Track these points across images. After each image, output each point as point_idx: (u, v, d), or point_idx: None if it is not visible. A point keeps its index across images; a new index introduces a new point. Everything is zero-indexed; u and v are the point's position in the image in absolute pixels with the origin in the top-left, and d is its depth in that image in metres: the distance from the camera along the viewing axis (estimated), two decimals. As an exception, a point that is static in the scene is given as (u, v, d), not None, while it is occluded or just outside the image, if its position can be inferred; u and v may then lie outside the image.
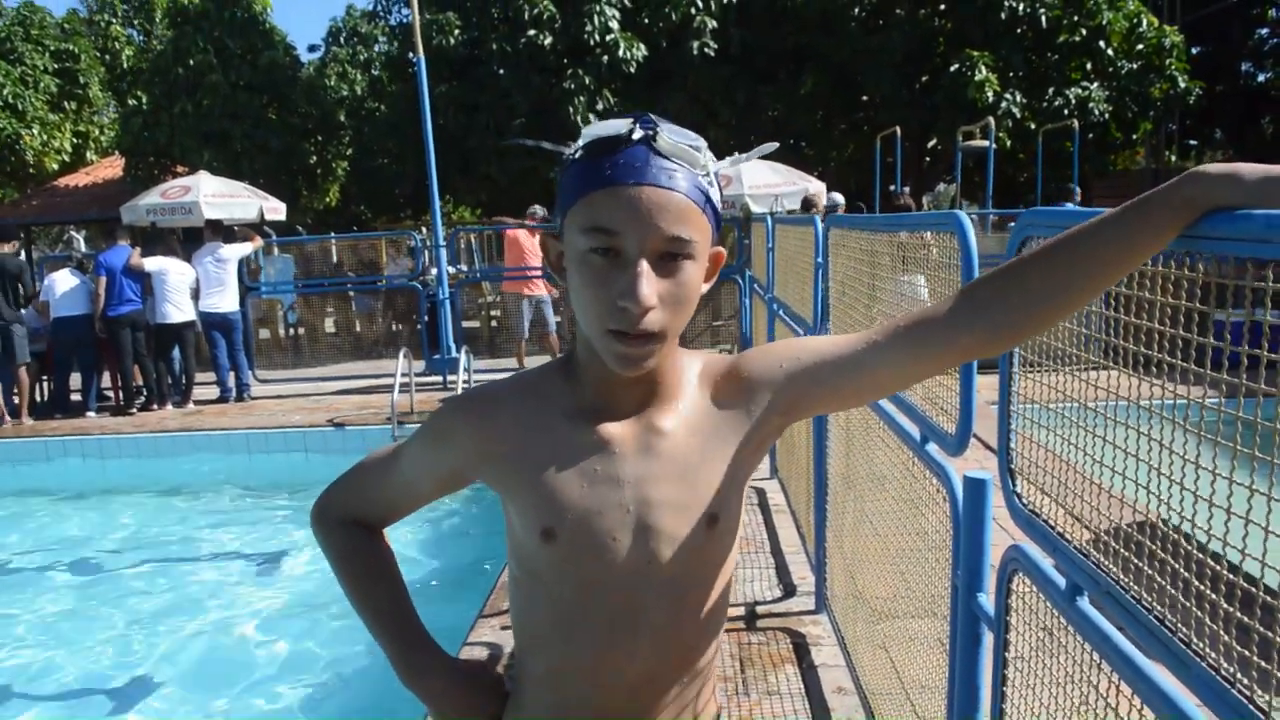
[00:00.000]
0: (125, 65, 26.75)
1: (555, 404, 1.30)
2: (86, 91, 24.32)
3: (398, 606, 1.46)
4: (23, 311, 10.46)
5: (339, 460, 9.20)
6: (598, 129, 1.18)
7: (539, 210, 12.08)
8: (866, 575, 3.51)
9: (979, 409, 2.21)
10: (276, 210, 15.11)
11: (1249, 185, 0.96)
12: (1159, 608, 1.25)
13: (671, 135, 1.17)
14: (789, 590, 4.93)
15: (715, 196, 1.21)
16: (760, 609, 4.71)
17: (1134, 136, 20.54)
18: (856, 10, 18.54)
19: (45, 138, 22.59)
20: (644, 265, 1.13)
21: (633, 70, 17.85)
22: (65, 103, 23.67)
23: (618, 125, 1.17)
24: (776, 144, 1.45)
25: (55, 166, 23.28)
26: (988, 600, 2.04)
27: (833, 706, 3.74)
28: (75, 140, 24.09)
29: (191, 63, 20.14)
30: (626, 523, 1.25)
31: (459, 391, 9.61)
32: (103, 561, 7.39)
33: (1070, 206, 2.87)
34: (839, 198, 12.49)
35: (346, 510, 1.50)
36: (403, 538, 7.34)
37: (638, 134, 1.16)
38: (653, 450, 1.27)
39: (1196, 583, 1.15)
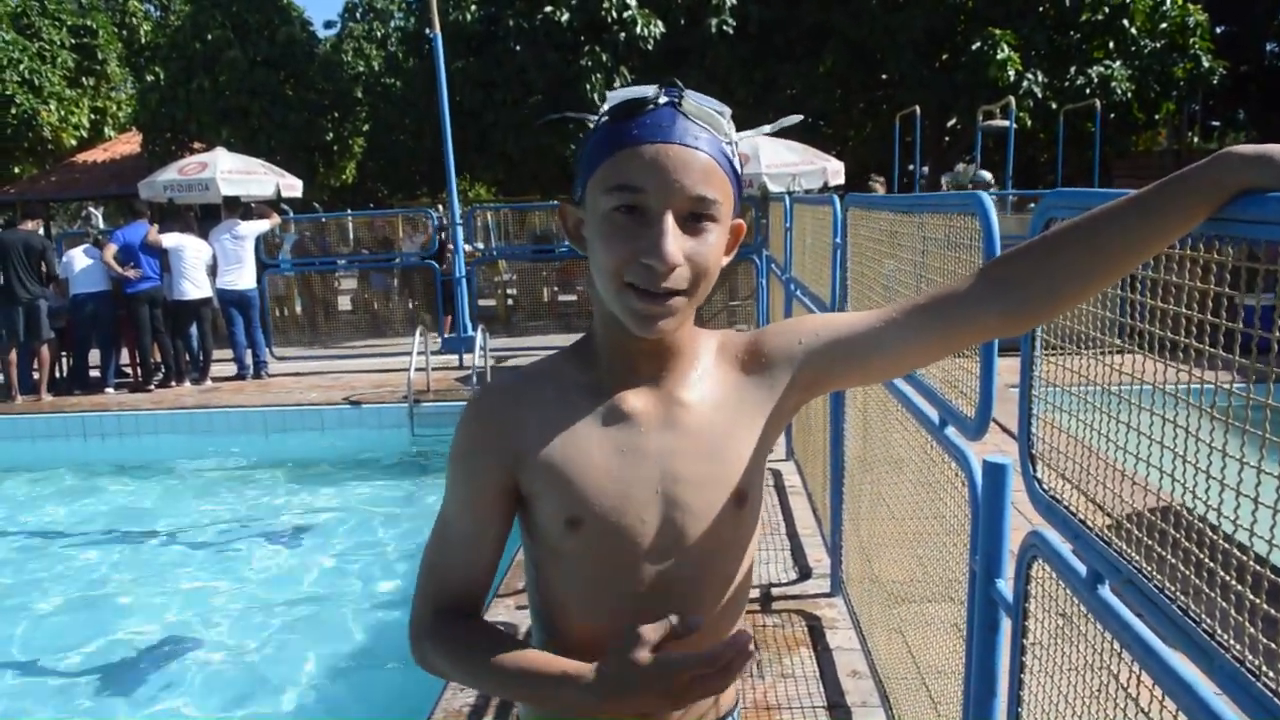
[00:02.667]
0: (143, 41, 26.82)
1: (572, 387, 1.28)
2: (104, 67, 24.32)
3: (518, 660, 1.25)
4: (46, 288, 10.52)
5: (355, 437, 9.32)
6: (624, 93, 1.18)
7: None
8: (883, 559, 3.50)
9: (998, 392, 2.18)
10: (293, 187, 15.12)
11: None
12: (1182, 597, 1.23)
13: (697, 100, 1.17)
14: (805, 573, 4.92)
15: (738, 165, 1.21)
16: (776, 591, 4.71)
17: (1156, 117, 20.32)
18: (877, -13, 18.39)
19: (63, 113, 22.61)
20: (669, 221, 1.12)
21: (650, 47, 17.77)
22: (83, 78, 23.67)
23: (644, 89, 1.17)
24: (800, 116, 1.44)
25: (73, 142, 23.31)
26: (1006, 586, 2.03)
27: (847, 690, 3.73)
28: (93, 116, 24.10)
29: (209, 38, 20.14)
30: (654, 501, 1.23)
31: (473, 387, 9.64)
32: (119, 537, 7.44)
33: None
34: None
35: (436, 613, 1.33)
36: (412, 522, 7.38)
37: (663, 98, 1.16)
38: (677, 423, 1.25)
39: (1221, 572, 1.13)
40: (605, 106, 1.19)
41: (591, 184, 1.17)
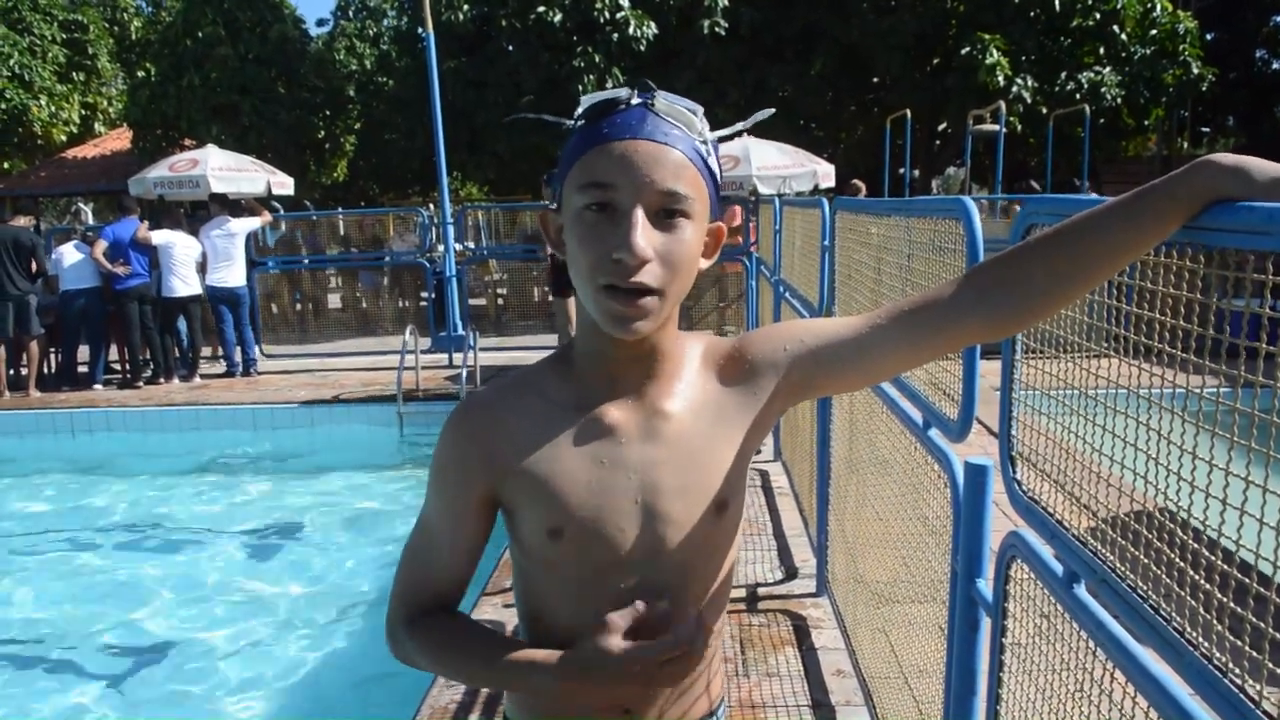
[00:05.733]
0: (134, 36, 26.76)
1: (554, 398, 1.28)
2: (95, 63, 24.26)
3: (493, 650, 1.30)
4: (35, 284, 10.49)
5: (344, 436, 9.31)
6: (596, 95, 1.19)
7: None
8: (868, 559, 3.52)
9: (983, 393, 2.20)
10: (284, 185, 15.08)
11: (1259, 183, 0.96)
12: (1154, 597, 1.25)
13: (669, 99, 1.18)
14: (791, 573, 4.94)
15: (713, 164, 1.22)
16: (762, 591, 4.73)
17: (1145, 122, 20.43)
18: (868, -10, 18.45)
19: (53, 109, 22.56)
20: (639, 216, 1.12)
21: (642, 48, 17.79)
22: (73, 74, 23.61)
23: (616, 91, 1.18)
24: (773, 110, 1.45)
25: (63, 138, 23.26)
26: (986, 586, 2.05)
27: (832, 689, 3.76)
28: (83, 112, 24.06)
29: (201, 35, 20.13)
30: (634, 511, 1.25)
31: (459, 400, 9.62)
32: (106, 535, 7.42)
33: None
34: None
35: (411, 611, 1.37)
36: (401, 519, 7.37)
37: (635, 99, 1.17)
38: (658, 434, 1.26)
39: (1191, 572, 1.15)
40: (579, 110, 1.20)
41: (566, 185, 1.18)
